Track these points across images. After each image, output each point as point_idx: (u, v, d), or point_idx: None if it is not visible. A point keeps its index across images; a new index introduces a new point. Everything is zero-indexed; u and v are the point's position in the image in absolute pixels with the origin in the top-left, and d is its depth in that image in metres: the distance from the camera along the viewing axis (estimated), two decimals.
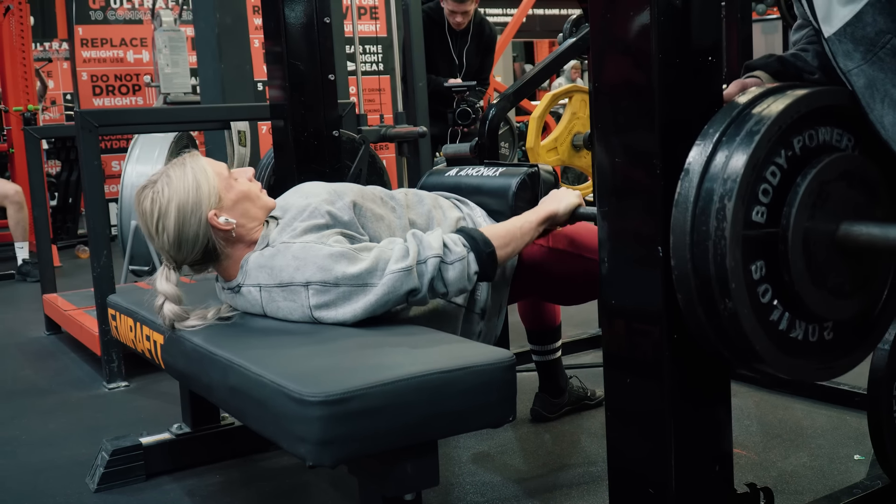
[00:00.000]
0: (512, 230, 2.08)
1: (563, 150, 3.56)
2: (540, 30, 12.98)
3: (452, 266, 1.94)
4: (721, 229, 1.33)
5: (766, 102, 1.41)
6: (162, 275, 2.04)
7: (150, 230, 2.01)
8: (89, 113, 3.44)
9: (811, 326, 1.47)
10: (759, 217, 1.38)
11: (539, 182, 2.28)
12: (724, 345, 1.41)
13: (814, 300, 1.43)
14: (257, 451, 2.70)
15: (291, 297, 1.91)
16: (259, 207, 2.07)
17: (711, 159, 1.37)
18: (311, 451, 1.50)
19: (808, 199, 1.40)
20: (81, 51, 8.61)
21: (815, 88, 1.44)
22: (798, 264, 1.40)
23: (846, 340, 1.52)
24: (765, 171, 1.38)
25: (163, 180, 2.01)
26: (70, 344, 4.36)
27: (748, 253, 1.37)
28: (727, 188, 1.34)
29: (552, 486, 2.38)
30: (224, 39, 5.08)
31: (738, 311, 1.35)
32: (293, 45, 2.78)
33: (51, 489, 2.55)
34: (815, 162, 1.41)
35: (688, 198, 1.37)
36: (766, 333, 1.39)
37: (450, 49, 5.44)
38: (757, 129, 1.36)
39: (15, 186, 6.56)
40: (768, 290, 1.41)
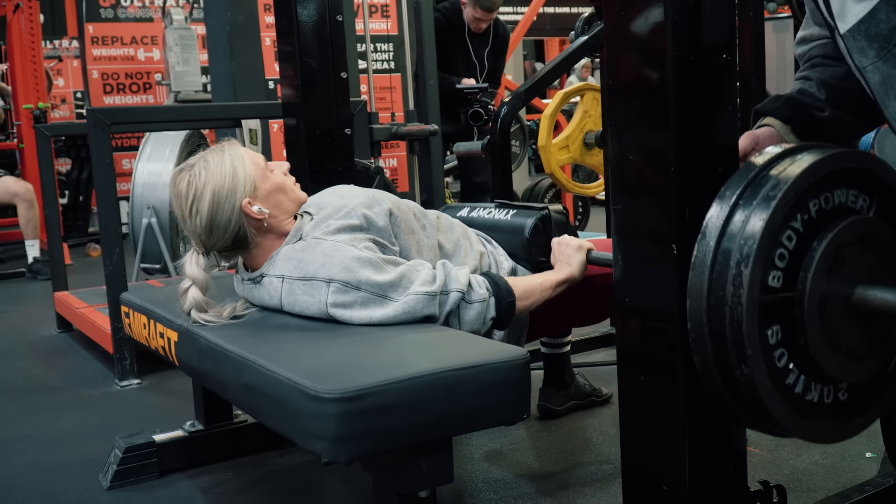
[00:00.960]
0: (533, 285, 2.11)
1: (574, 148, 3.56)
2: (550, 28, 12.96)
3: (472, 306, 1.97)
4: (738, 295, 1.33)
5: (782, 165, 1.40)
6: (191, 259, 2.06)
7: (183, 212, 2.03)
8: (101, 111, 3.45)
9: (826, 388, 1.47)
10: (775, 282, 1.38)
11: (551, 224, 2.32)
12: (741, 408, 1.42)
13: (829, 364, 1.43)
14: (270, 449, 2.71)
15: (311, 292, 1.92)
16: (292, 200, 2.09)
17: (728, 222, 1.37)
18: (327, 447, 1.51)
19: (825, 264, 1.40)
20: (92, 49, 8.63)
21: (830, 151, 1.43)
22: (814, 329, 1.40)
23: (861, 400, 1.52)
24: (781, 235, 1.38)
25: (200, 164, 2.02)
26: (81, 341, 4.37)
27: (764, 318, 1.37)
28: (744, 254, 1.34)
29: (564, 484, 2.38)
30: (235, 38, 5.08)
31: (754, 377, 1.35)
32: (305, 44, 2.79)
33: (63, 487, 2.56)
34: (831, 226, 1.41)
35: (704, 261, 1.37)
36: (782, 398, 1.40)
37: (470, 52, 5.45)
38: (774, 195, 1.35)
39: (25, 184, 6.58)
40: (784, 354, 1.41)
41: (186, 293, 2.05)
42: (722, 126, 1.49)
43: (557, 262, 2.21)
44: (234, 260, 2.16)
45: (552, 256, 2.24)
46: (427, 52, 4.81)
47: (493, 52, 5.57)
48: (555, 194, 6.89)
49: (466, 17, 5.35)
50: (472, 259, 2.20)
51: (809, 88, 1.80)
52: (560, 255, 2.21)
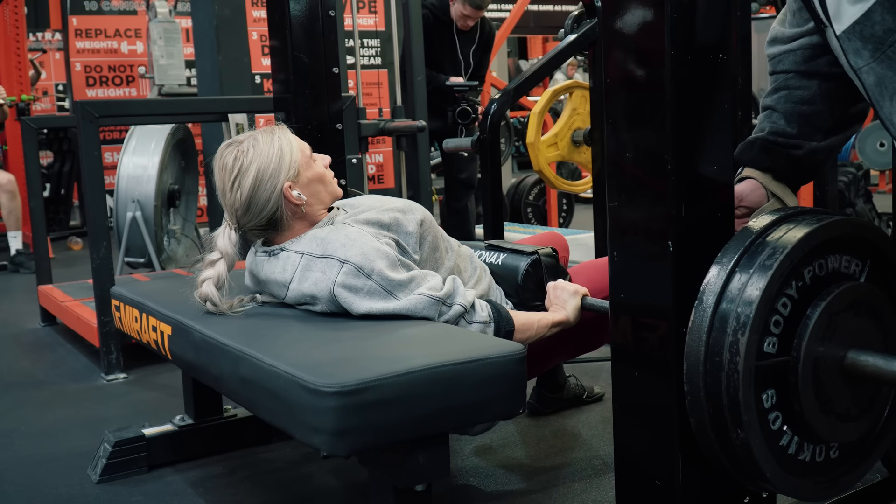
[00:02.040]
0: (531, 321, 2.12)
1: (563, 146, 3.58)
2: (534, 25, 12.93)
3: (471, 326, 1.99)
4: (734, 363, 1.36)
5: (778, 232, 1.44)
6: (224, 233, 2.08)
7: (224, 185, 2.05)
8: (90, 104, 3.43)
9: (818, 448, 1.51)
10: (770, 348, 1.41)
11: (542, 268, 2.33)
12: (735, 468, 1.45)
13: (822, 426, 1.46)
14: (260, 443, 2.71)
15: (325, 269, 1.95)
16: (329, 193, 2.14)
17: (725, 289, 1.40)
18: (326, 441, 1.52)
19: (818, 331, 1.43)
20: (75, 41, 8.58)
21: (825, 220, 1.46)
22: (808, 393, 1.43)
23: (851, 458, 1.56)
24: (777, 302, 1.41)
25: (249, 141, 2.05)
26: (66, 335, 4.36)
27: (759, 382, 1.41)
28: (741, 322, 1.37)
29: (555, 479, 2.40)
30: (222, 31, 5.07)
31: (749, 441, 1.39)
32: (297, 39, 2.79)
33: (52, 481, 2.55)
34: (825, 293, 1.45)
35: (702, 326, 1.40)
36: (776, 459, 1.43)
37: (457, 49, 5.45)
38: (770, 264, 1.39)
39: (7, 175, 6.53)
40: (778, 417, 1.45)
41: (214, 265, 2.07)
42: (718, 124, 1.51)
43: (552, 306, 2.23)
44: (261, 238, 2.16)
45: (547, 300, 2.25)
46: (415, 48, 4.81)
47: (478, 50, 5.57)
48: (540, 191, 6.92)
49: (454, 13, 5.35)
50: (481, 289, 2.22)
51: (779, 124, 1.83)
52: (555, 300, 2.23)
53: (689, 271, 1.47)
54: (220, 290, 2.07)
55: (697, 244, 1.49)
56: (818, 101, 1.79)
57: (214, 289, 2.06)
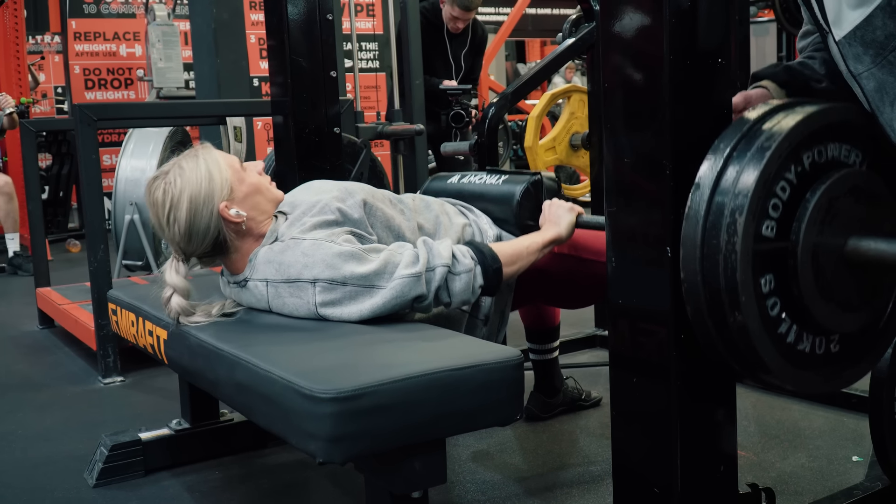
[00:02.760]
0: (519, 249, 2.10)
1: (561, 150, 3.57)
2: (532, 29, 12.98)
3: (459, 277, 1.95)
4: (732, 243, 1.34)
5: (776, 118, 1.42)
6: (171, 267, 2.04)
7: (160, 221, 2.00)
8: (88, 107, 3.43)
9: (818, 339, 1.48)
10: (768, 231, 1.39)
11: (542, 190, 2.30)
12: (733, 356, 1.43)
13: (822, 313, 1.44)
14: (257, 448, 2.70)
15: (298, 294, 1.91)
16: (269, 200, 2.08)
17: (722, 174, 1.38)
18: (322, 447, 1.50)
19: (818, 215, 1.41)
20: (74, 44, 8.58)
21: (824, 105, 1.44)
22: (807, 278, 1.41)
23: (852, 352, 1.53)
24: (775, 186, 1.39)
25: (175, 171, 1.99)
26: (64, 338, 4.35)
27: (758, 267, 1.38)
28: (738, 203, 1.35)
29: (552, 485, 2.39)
30: (220, 35, 5.08)
31: (747, 323, 1.36)
32: (295, 42, 2.78)
33: (49, 484, 2.54)
34: (825, 178, 1.42)
35: (698, 211, 1.38)
36: (775, 346, 1.41)
37: (448, 53, 5.45)
38: (768, 146, 1.37)
39: (4, 177, 6.52)
40: (777, 303, 1.42)
41: (170, 301, 2.03)
42: (717, 130, 1.50)
43: (546, 223, 2.20)
44: (214, 265, 2.14)
45: (542, 217, 2.23)
46: (413, 52, 4.80)
47: (470, 53, 5.57)
48: None
49: (445, 16, 5.34)
50: (454, 232, 2.19)
51: (811, 63, 1.82)
52: (550, 216, 2.20)
53: None
54: (192, 314, 2.03)
55: None
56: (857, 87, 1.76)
57: (188, 318, 2.02)
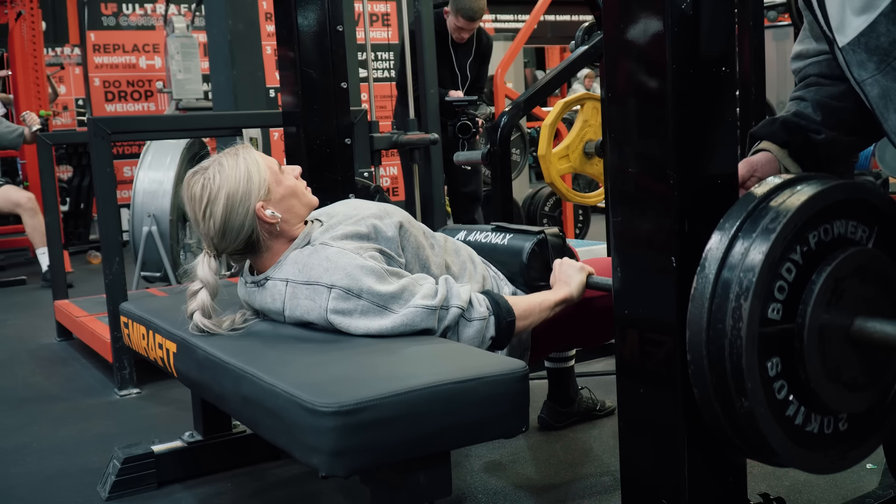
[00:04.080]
0: (532, 305, 2.10)
1: (574, 158, 3.55)
2: (551, 36, 12.97)
3: (471, 323, 1.96)
4: (737, 329, 1.33)
5: (782, 196, 1.40)
6: (203, 262, 2.06)
7: (196, 215, 2.02)
8: (102, 120, 3.45)
9: (826, 419, 1.47)
10: (774, 314, 1.38)
11: (548, 248, 2.31)
12: (740, 439, 1.42)
13: (829, 395, 1.43)
14: (269, 460, 2.70)
15: (313, 297, 1.92)
16: (304, 205, 2.10)
17: (728, 255, 1.37)
18: (325, 461, 1.50)
19: (824, 297, 1.40)
20: (94, 56, 8.64)
21: (829, 183, 1.43)
22: (813, 361, 1.40)
23: (860, 430, 1.52)
24: (780, 268, 1.38)
25: (214, 167, 2.02)
26: (81, 350, 4.37)
27: (764, 350, 1.37)
28: (743, 287, 1.34)
29: (564, 496, 2.37)
30: (236, 46, 5.10)
31: (754, 409, 1.35)
32: (306, 53, 2.79)
33: (62, 497, 2.55)
34: (831, 258, 1.41)
35: (703, 294, 1.38)
36: (782, 429, 1.40)
37: (453, 63, 5.44)
38: (773, 227, 1.36)
39: (27, 194, 6.58)
40: (784, 386, 1.41)
41: (196, 295, 2.05)
42: (721, 138, 1.49)
43: (557, 283, 2.20)
44: (243, 263, 2.16)
45: (552, 277, 2.23)
46: (427, 61, 4.80)
47: (476, 62, 5.56)
48: (555, 202, 6.88)
49: (449, 26, 5.33)
50: (476, 282, 2.20)
51: (805, 110, 1.81)
52: (560, 276, 2.21)
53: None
54: (210, 317, 2.05)
55: None
56: (848, 99, 1.75)
57: (203, 318, 2.04)
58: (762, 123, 1.85)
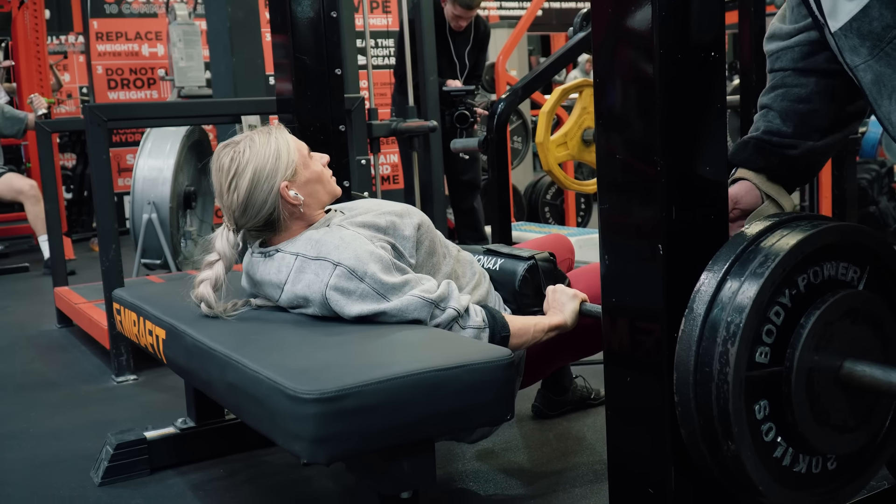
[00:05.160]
0: (528, 325, 2.09)
1: (573, 146, 3.53)
2: (556, 23, 12.91)
3: (465, 331, 1.96)
4: (724, 373, 1.34)
5: (772, 238, 1.40)
6: (222, 235, 2.07)
7: (222, 187, 2.04)
8: (98, 107, 3.44)
9: (815, 459, 1.48)
10: (762, 358, 1.38)
11: (539, 274, 2.29)
12: (727, 480, 1.42)
13: (817, 437, 1.43)
14: (261, 446, 2.69)
15: (318, 271, 1.93)
16: (327, 192, 2.13)
17: (715, 298, 1.38)
18: (306, 448, 1.50)
19: (813, 341, 1.39)
20: (96, 44, 8.64)
21: (820, 226, 1.42)
22: (802, 404, 1.40)
23: (849, 470, 1.52)
24: (769, 311, 1.38)
25: (245, 142, 2.04)
26: (81, 337, 4.37)
27: (751, 393, 1.37)
28: (731, 332, 1.34)
29: (555, 484, 2.36)
30: (236, 33, 5.08)
31: (741, 453, 1.36)
32: (300, 40, 2.77)
33: (55, 483, 2.55)
34: (819, 302, 1.41)
35: (691, 336, 1.38)
36: (769, 471, 1.40)
37: (451, 51, 5.42)
38: (762, 271, 1.35)
39: (29, 181, 6.58)
40: (772, 428, 1.41)
41: (212, 266, 2.06)
42: (709, 125, 1.48)
43: (550, 310, 2.19)
44: (260, 239, 2.15)
45: (545, 303, 2.22)
46: (427, 48, 4.78)
47: (474, 50, 5.54)
48: (557, 191, 6.87)
49: (447, 15, 5.30)
50: (478, 297, 2.19)
51: (774, 123, 1.79)
52: (553, 303, 2.20)
53: (680, 275, 1.45)
54: (217, 291, 2.06)
55: (689, 247, 1.46)
56: (815, 99, 1.75)
57: (211, 290, 2.05)
58: (735, 147, 1.84)
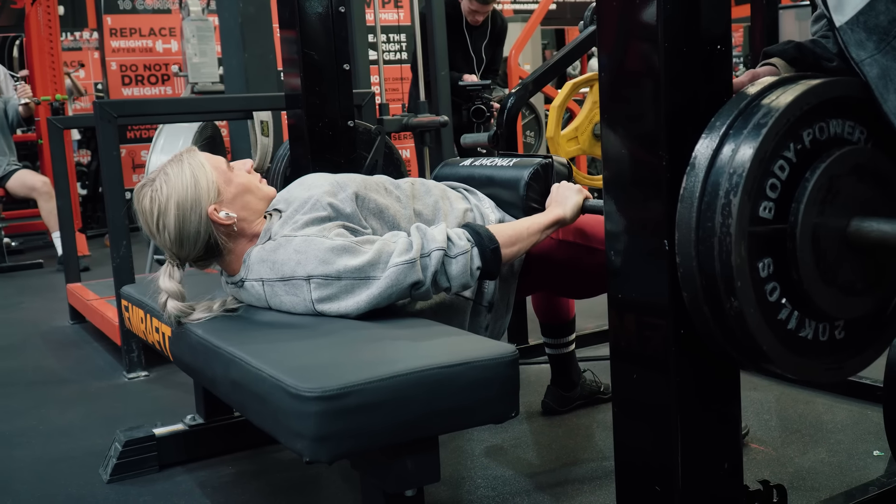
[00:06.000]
0: (519, 230, 2.06)
1: (583, 140, 3.50)
2: (570, 17, 12.88)
3: (455, 260, 1.92)
4: (726, 226, 1.29)
5: (775, 94, 1.36)
6: (165, 272, 2.04)
7: (150, 229, 2.01)
8: (108, 103, 3.44)
9: (821, 325, 1.42)
10: (766, 213, 1.34)
11: (552, 173, 2.26)
12: (731, 344, 1.37)
13: (824, 298, 1.38)
14: (269, 443, 2.69)
15: (293, 292, 1.90)
16: (260, 199, 2.07)
17: (717, 153, 1.33)
18: (308, 446, 1.49)
19: (818, 195, 1.35)
20: (110, 40, 8.66)
21: (825, 79, 1.39)
22: (807, 262, 1.35)
23: (858, 339, 1.47)
24: (772, 165, 1.33)
25: (160, 178, 2.00)
26: (93, 333, 4.38)
27: (755, 250, 1.33)
28: (733, 183, 1.29)
29: (564, 481, 2.35)
30: (247, 29, 5.07)
31: (744, 310, 1.31)
32: (307, 35, 2.76)
33: (64, 480, 2.56)
34: (825, 156, 1.36)
35: (693, 193, 1.33)
36: (774, 333, 1.35)
37: (468, 46, 5.41)
38: (764, 122, 1.31)
39: (42, 178, 6.61)
40: (776, 288, 1.36)
41: (165, 307, 2.03)
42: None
43: (551, 203, 2.16)
44: (211, 266, 2.13)
45: (548, 199, 2.19)
46: (438, 43, 4.76)
47: (490, 44, 5.53)
48: None
49: (463, 9, 5.31)
50: (454, 217, 2.16)
51: (824, 42, 1.75)
52: (556, 197, 2.17)
53: None
54: (190, 314, 2.02)
55: None
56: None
57: (187, 318, 2.02)
58: (777, 44, 1.80)
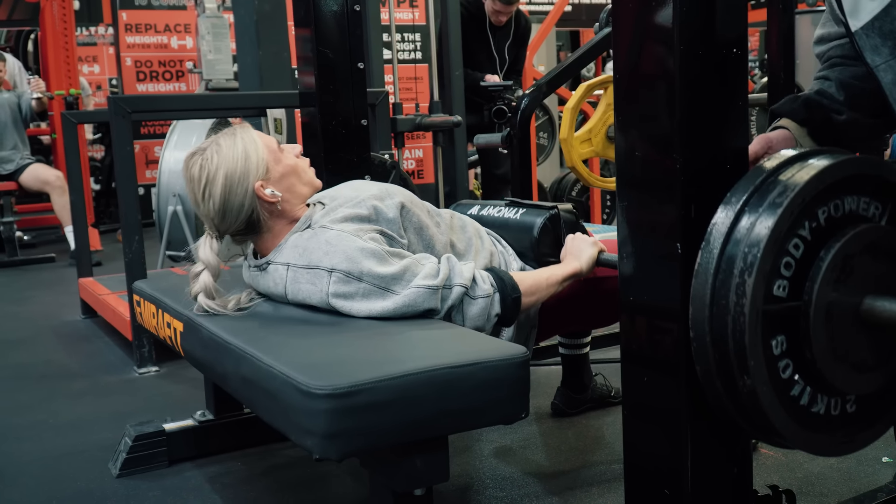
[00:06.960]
0: (539, 280, 2.07)
1: (597, 142, 3.50)
2: (586, 18, 12.85)
3: (476, 301, 1.94)
4: (741, 305, 1.30)
5: (791, 170, 1.36)
6: (205, 243, 2.06)
7: (196, 196, 2.03)
8: (122, 99, 3.46)
9: (833, 400, 1.43)
10: (780, 291, 1.34)
11: (560, 224, 2.28)
12: (743, 418, 1.38)
13: (836, 376, 1.39)
14: (279, 440, 2.69)
15: (313, 280, 1.91)
16: (305, 184, 2.10)
17: (733, 230, 1.34)
18: (318, 443, 1.49)
19: (832, 274, 1.35)
20: (125, 36, 8.67)
21: (840, 157, 1.38)
22: (820, 340, 1.36)
23: (869, 412, 1.47)
24: (787, 244, 1.34)
25: (212, 148, 2.02)
26: (104, 328, 4.40)
27: (768, 328, 1.33)
28: (748, 263, 1.30)
29: (573, 483, 2.35)
30: (262, 26, 5.06)
31: (756, 388, 1.32)
32: (322, 33, 2.76)
33: (73, 474, 2.57)
34: (840, 235, 1.37)
35: (708, 269, 1.34)
36: (786, 409, 1.36)
37: (491, 46, 5.41)
38: (780, 201, 1.31)
39: (55, 172, 6.63)
40: (789, 365, 1.37)
41: (198, 277, 2.06)
42: (730, 122, 1.46)
43: (567, 256, 2.18)
44: (247, 244, 2.15)
45: (563, 251, 2.21)
46: (453, 43, 4.76)
47: (514, 45, 5.53)
48: (583, 187, 6.83)
49: (487, 9, 5.32)
50: (483, 258, 2.18)
51: (828, 89, 1.75)
52: (571, 249, 2.18)
53: None
54: (214, 297, 2.04)
55: None
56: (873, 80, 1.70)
57: (207, 300, 2.04)
58: (784, 101, 1.80)
